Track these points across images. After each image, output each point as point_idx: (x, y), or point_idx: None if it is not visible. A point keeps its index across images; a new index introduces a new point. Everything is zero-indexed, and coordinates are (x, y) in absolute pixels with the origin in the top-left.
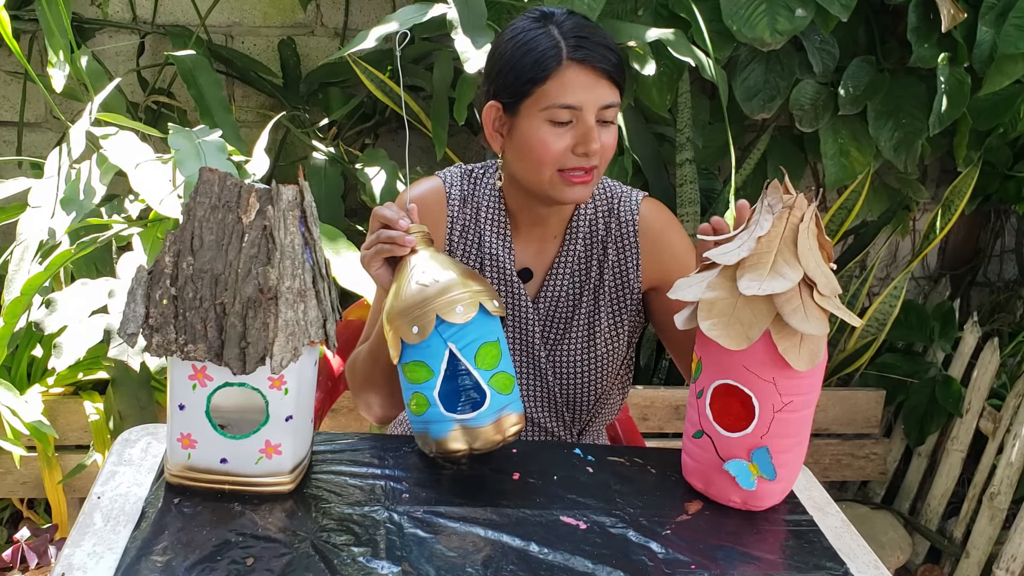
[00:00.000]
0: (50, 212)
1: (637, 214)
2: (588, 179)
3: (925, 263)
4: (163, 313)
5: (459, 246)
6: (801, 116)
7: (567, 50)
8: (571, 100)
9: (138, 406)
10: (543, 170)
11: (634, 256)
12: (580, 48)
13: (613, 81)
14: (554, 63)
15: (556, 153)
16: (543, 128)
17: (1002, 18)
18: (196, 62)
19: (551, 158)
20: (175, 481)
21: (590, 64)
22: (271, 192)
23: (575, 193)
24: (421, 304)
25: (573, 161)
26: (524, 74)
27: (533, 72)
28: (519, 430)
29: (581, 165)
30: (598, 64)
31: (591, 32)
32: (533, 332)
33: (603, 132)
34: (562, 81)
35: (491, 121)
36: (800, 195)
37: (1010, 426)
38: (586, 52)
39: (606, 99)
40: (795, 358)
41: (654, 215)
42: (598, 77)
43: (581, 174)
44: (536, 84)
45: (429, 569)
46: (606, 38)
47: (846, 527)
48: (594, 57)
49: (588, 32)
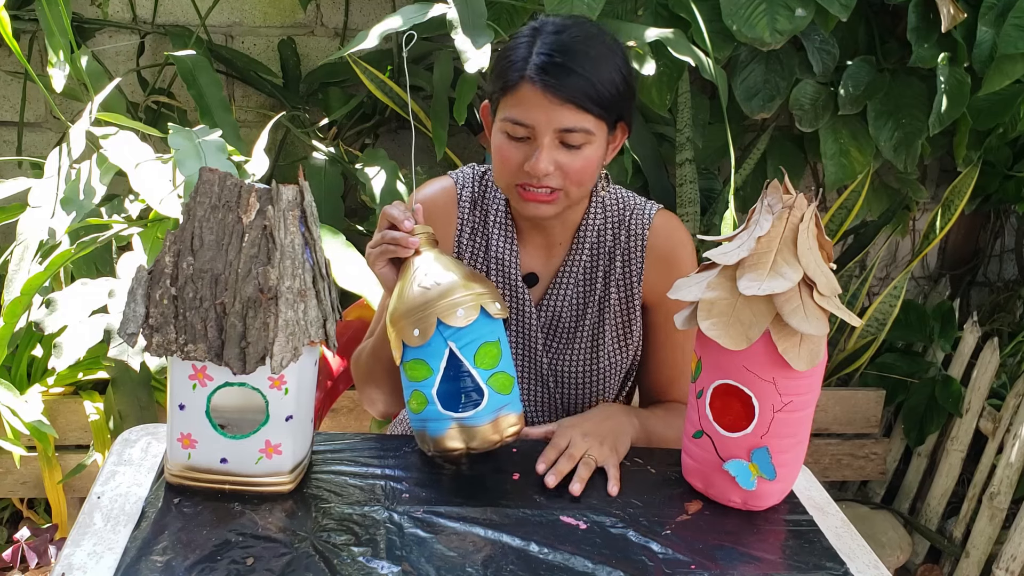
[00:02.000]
0: (50, 212)
1: (648, 227)
2: (548, 199)
3: (925, 263)
4: (163, 313)
5: (467, 248)
6: (801, 116)
7: (531, 68)
8: (523, 118)
9: (138, 406)
10: (502, 178)
11: (639, 269)
12: (543, 71)
13: (579, 106)
14: (516, 78)
15: (510, 165)
16: (501, 137)
17: (1002, 18)
18: (196, 62)
19: (506, 169)
20: (175, 481)
21: (548, 87)
22: (271, 192)
23: (529, 210)
24: (423, 307)
25: (524, 177)
26: (497, 80)
27: (502, 81)
28: (518, 431)
29: (530, 183)
30: (559, 89)
31: (569, 54)
32: (536, 338)
33: (564, 154)
34: (519, 97)
35: (487, 120)
36: (800, 195)
37: (1010, 426)
38: (546, 76)
39: (564, 123)
40: (795, 358)
41: (667, 232)
42: (557, 101)
43: (534, 192)
44: (500, 93)
45: (429, 569)
46: (587, 62)
47: (846, 527)
48: (555, 82)
49: (565, 54)
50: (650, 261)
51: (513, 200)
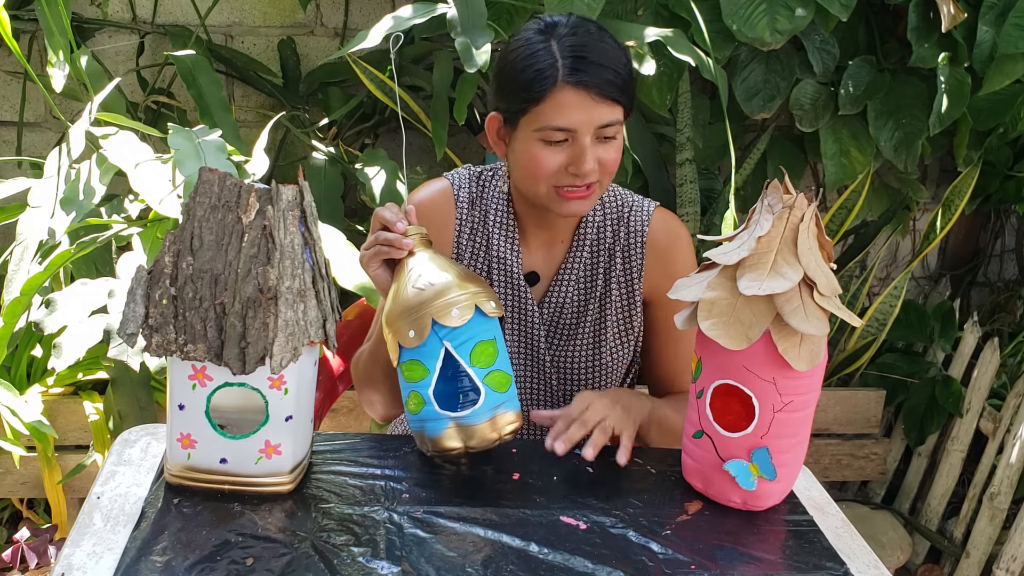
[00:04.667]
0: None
1: (647, 224)
2: (586, 194)
3: (925, 263)
4: (163, 313)
5: (467, 248)
6: (801, 116)
7: (563, 71)
8: (565, 123)
9: (138, 406)
10: (538, 185)
11: (639, 265)
12: (577, 71)
13: (613, 100)
14: (550, 84)
15: (549, 171)
16: (537, 146)
17: (1002, 18)
18: (196, 62)
19: (544, 175)
20: (175, 481)
21: (585, 87)
22: (271, 192)
23: (571, 208)
24: (417, 308)
25: (567, 179)
26: (521, 92)
27: (529, 92)
28: (516, 429)
29: (574, 183)
30: (595, 86)
31: (591, 50)
32: (538, 336)
33: (601, 149)
34: (557, 103)
35: (494, 131)
36: (800, 195)
37: (1010, 426)
38: (582, 75)
39: (603, 119)
40: (795, 358)
41: (665, 227)
42: (595, 99)
43: (576, 190)
44: (532, 104)
45: (429, 569)
46: (607, 54)
47: (846, 527)
48: (590, 79)
49: (588, 51)
50: (650, 257)
51: (549, 203)
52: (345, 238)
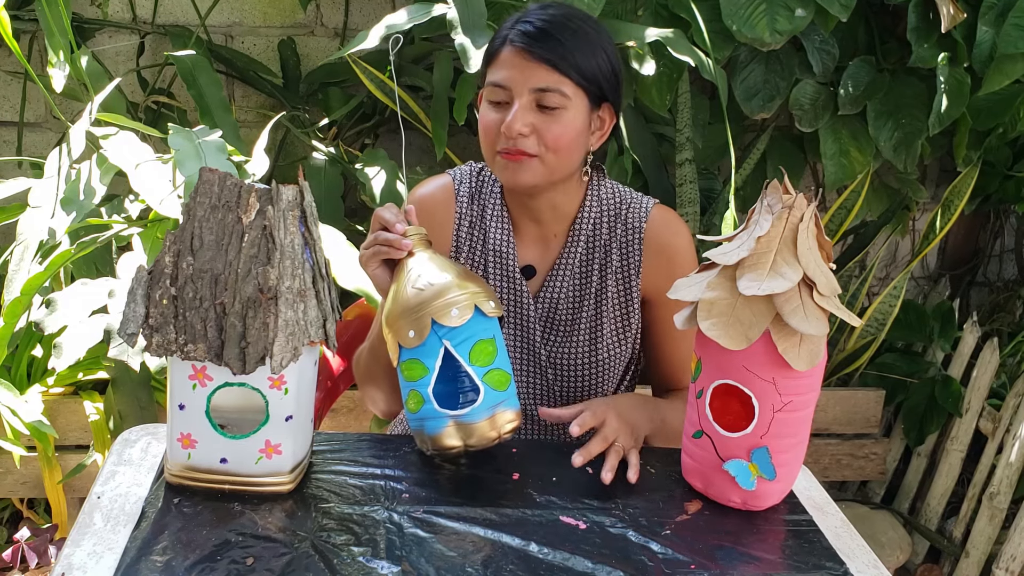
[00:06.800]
0: (50, 212)
1: (645, 220)
2: (517, 159)
3: (925, 263)
4: (163, 313)
5: (466, 242)
6: (801, 116)
7: (512, 33)
8: (500, 79)
9: (138, 406)
10: (487, 150)
11: (637, 262)
12: (525, 34)
13: (555, 67)
14: (499, 44)
15: (491, 133)
16: (484, 107)
17: (1002, 18)
18: (196, 62)
19: (488, 138)
20: (175, 481)
21: (528, 47)
22: (271, 192)
23: (508, 174)
24: (417, 308)
25: (503, 142)
26: (484, 58)
27: (487, 55)
28: (515, 427)
29: (506, 146)
30: (537, 49)
31: (553, 23)
32: (534, 330)
33: (540, 118)
34: (499, 62)
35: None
36: (799, 195)
37: (1010, 426)
38: (527, 38)
39: (538, 82)
40: (795, 358)
41: (664, 224)
42: (533, 60)
43: (508, 154)
44: (487, 65)
45: (429, 569)
46: (564, 32)
47: (846, 527)
48: (534, 42)
49: (548, 23)
50: (649, 254)
51: (497, 171)
52: (345, 238)
